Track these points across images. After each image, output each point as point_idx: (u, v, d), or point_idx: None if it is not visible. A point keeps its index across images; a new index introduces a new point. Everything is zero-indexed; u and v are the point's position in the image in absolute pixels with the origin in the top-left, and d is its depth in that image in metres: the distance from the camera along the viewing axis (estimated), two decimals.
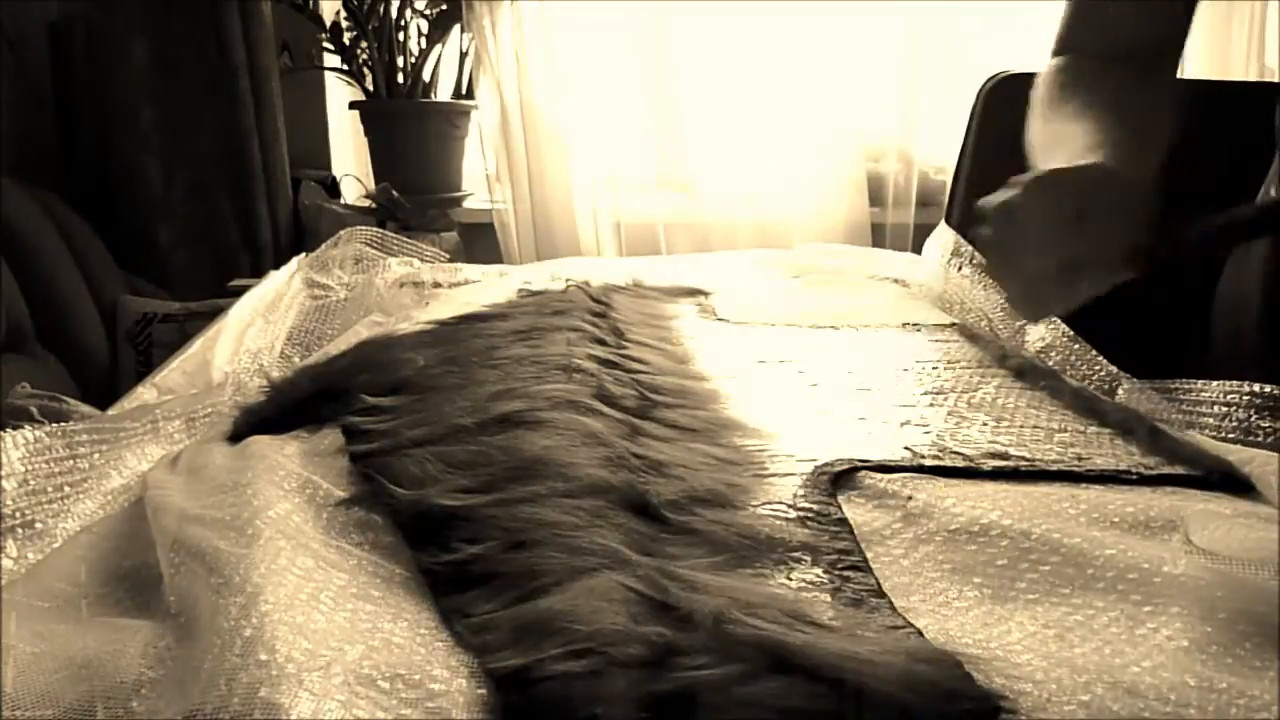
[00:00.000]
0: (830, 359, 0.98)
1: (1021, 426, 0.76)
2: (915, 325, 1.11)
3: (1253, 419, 0.76)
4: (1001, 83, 1.49)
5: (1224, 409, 0.78)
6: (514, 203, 2.17)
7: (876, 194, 2.19)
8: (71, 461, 0.73)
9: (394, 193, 2.09)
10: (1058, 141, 0.75)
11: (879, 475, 0.66)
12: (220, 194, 2.13)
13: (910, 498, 0.62)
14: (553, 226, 2.19)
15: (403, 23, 2.16)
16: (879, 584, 0.53)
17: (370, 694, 0.43)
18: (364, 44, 2.15)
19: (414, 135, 2.18)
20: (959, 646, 0.47)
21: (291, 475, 0.66)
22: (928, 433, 0.75)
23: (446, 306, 1.19)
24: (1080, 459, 0.70)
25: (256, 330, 1.12)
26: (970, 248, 1.26)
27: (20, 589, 0.58)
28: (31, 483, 0.69)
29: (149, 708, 0.45)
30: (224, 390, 0.94)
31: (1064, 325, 0.97)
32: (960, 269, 1.26)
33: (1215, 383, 0.81)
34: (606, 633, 0.45)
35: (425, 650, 0.47)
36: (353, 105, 2.24)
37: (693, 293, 1.28)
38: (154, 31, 2.07)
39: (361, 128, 2.25)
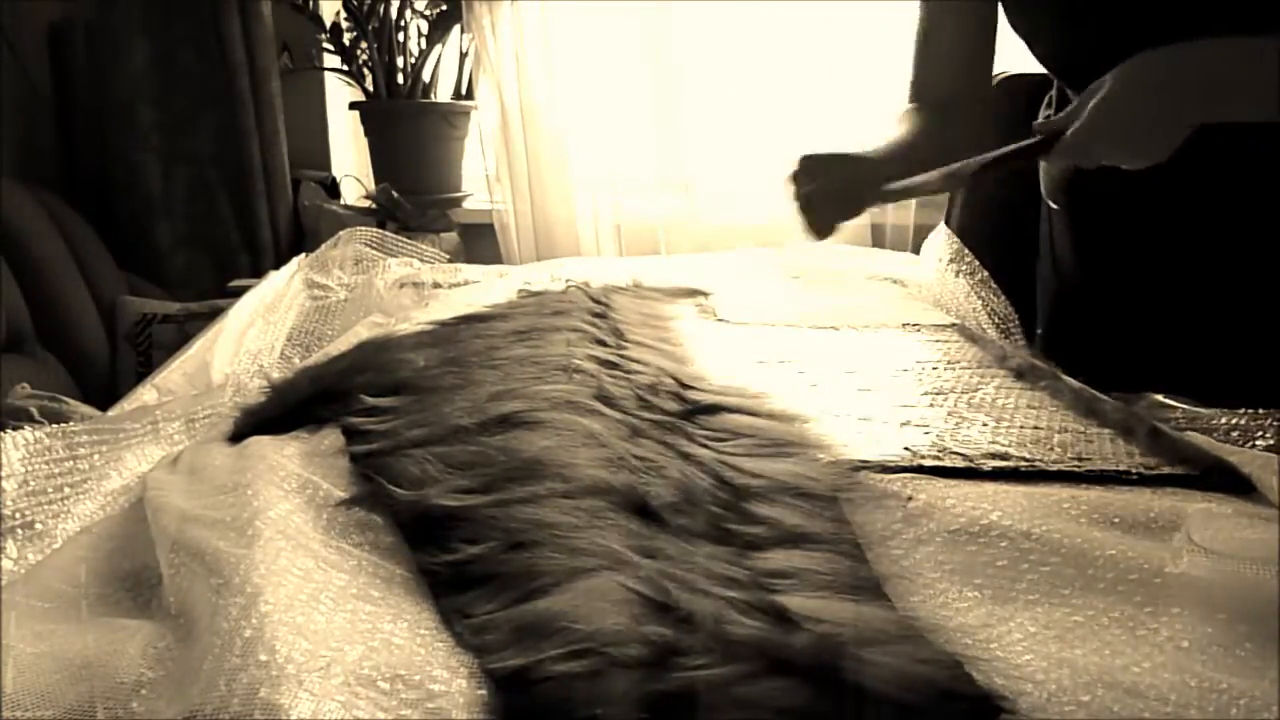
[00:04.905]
0: (830, 359, 0.98)
1: (1021, 427, 0.76)
2: (915, 325, 1.11)
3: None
4: (1001, 83, 1.49)
5: (1241, 434, 0.76)
6: (514, 203, 2.17)
7: None
8: (71, 462, 0.73)
9: (394, 193, 2.09)
10: None
11: (879, 475, 0.66)
12: (220, 194, 2.13)
13: (910, 498, 0.62)
14: (552, 227, 2.18)
15: (403, 23, 2.15)
16: (879, 584, 0.53)
17: (370, 694, 0.43)
18: (364, 44, 2.15)
19: (414, 136, 2.18)
20: (959, 646, 0.47)
21: (291, 476, 0.66)
22: (928, 433, 0.75)
23: (446, 307, 1.19)
24: (1080, 459, 0.69)
25: (256, 331, 1.13)
26: (970, 253, 1.26)
27: (20, 589, 0.58)
28: (31, 483, 0.69)
29: (149, 708, 0.45)
30: (224, 391, 0.94)
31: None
32: (958, 274, 1.26)
33: (1222, 411, 0.78)
34: (606, 633, 0.45)
35: (425, 651, 0.47)
36: (353, 105, 2.24)
37: (693, 293, 1.28)
38: (154, 31, 2.07)
39: (361, 128, 2.25)
